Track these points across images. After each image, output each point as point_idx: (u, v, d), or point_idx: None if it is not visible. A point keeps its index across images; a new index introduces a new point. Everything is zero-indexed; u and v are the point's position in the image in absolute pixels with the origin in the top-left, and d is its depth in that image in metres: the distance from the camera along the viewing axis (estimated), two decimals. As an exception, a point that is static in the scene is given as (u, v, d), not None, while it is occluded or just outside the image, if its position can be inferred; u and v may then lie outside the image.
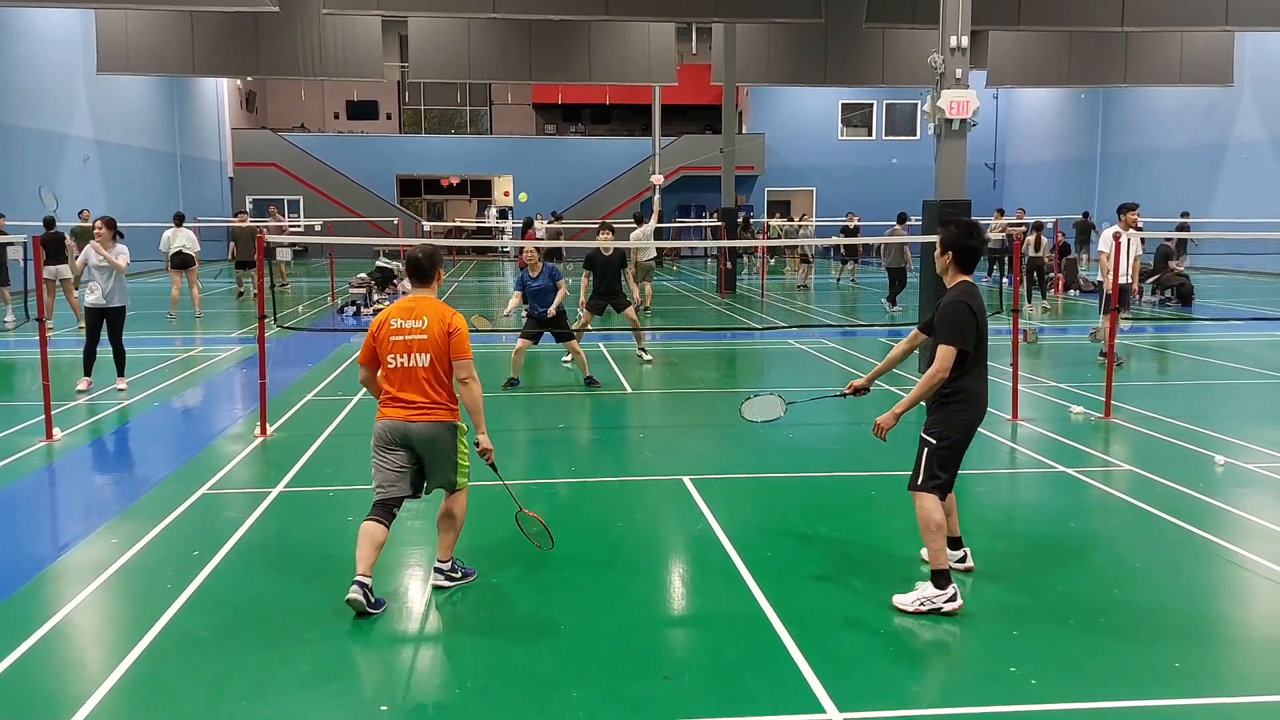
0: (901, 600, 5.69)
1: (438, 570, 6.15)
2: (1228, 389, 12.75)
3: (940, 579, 5.64)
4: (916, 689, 4.81)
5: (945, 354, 5.69)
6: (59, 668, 5.14)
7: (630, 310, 14.43)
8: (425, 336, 5.80)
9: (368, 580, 5.67)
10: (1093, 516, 7.55)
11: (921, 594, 5.65)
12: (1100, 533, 7.17)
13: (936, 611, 5.58)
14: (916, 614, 5.58)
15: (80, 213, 26.74)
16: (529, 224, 26.17)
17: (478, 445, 6.01)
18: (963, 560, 6.25)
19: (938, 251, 5.98)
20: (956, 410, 5.78)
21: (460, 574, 6.20)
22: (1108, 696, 4.71)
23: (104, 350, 12.25)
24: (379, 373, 5.98)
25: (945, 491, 5.84)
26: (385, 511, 5.90)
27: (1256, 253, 28.95)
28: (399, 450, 5.89)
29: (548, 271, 12.69)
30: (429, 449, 5.89)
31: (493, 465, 6.15)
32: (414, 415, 5.81)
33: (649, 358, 14.39)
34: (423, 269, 5.99)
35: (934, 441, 5.77)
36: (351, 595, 5.59)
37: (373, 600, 5.69)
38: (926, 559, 5.88)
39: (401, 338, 5.82)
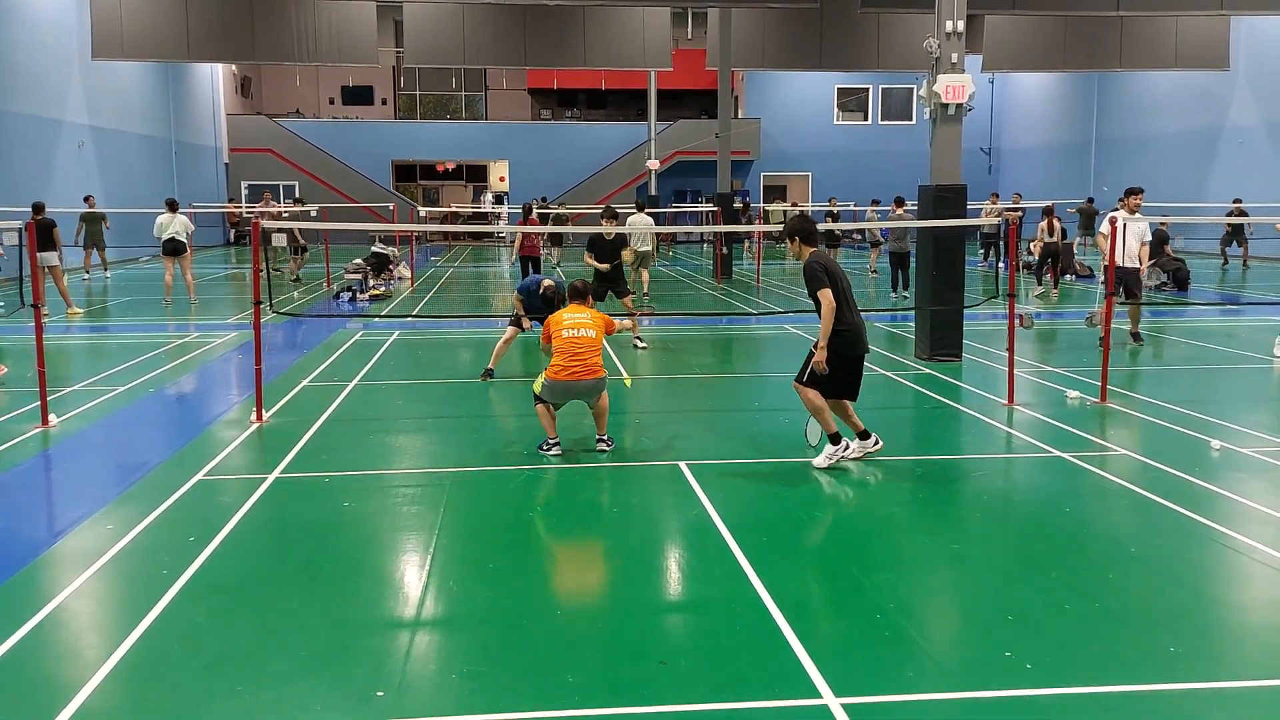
0: (817, 462, 8.19)
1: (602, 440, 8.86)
2: (1224, 373, 12.77)
3: (834, 439, 8.14)
4: (912, 674, 4.82)
5: (825, 296, 7.89)
6: (55, 653, 5.14)
7: (628, 299, 14.62)
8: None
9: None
10: (1088, 501, 7.57)
11: (827, 454, 8.14)
12: (1096, 517, 7.18)
13: (841, 459, 8.17)
14: (829, 468, 8.10)
15: (86, 198, 26.82)
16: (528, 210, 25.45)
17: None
18: (876, 443, 8.38)
19: (787, 242, 8.26)
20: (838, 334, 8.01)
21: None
22: (1103, 681, 4.73)
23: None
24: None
25: (824, 390, 8.10)
26: None
27: (1259, 238, 28.94)
28: None
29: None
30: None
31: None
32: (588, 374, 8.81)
33: (644, 345, 14.40)
34: (580, 293, 9.26)
35: (812, 350, 8.08)
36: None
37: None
38: (819, 430, 8.36)
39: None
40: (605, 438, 8.95)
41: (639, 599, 5.79)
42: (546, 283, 12.26)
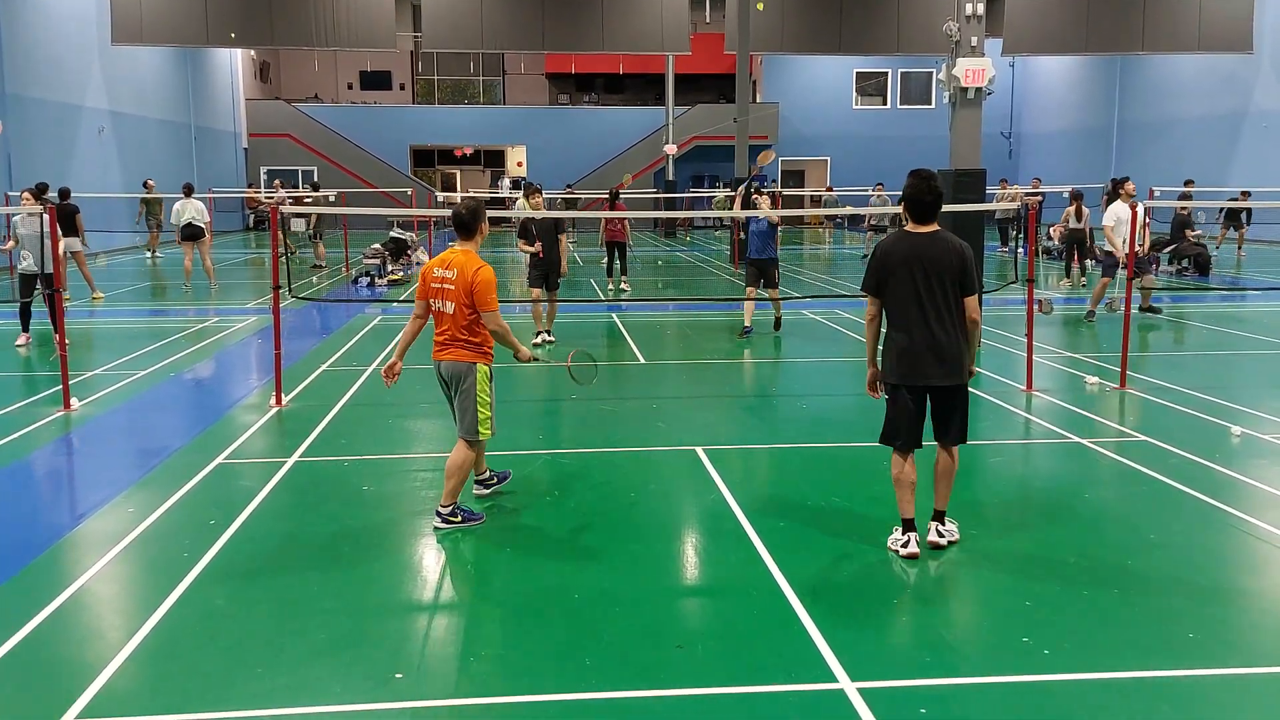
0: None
1: (436, 515, 6.67)
2: (1244, 359, 12.68)
3: (906, 525, 6.18)
4: (928, 659, 4.82)
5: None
6: (77, 636, 5.19)
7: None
8: (453, 286, 6.47)
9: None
10: (1107, 487, 7.54)
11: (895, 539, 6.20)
12: (1115, 504, 7.15)
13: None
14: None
15: (145, 182, 27.37)
16: (615, 195, 24.11)
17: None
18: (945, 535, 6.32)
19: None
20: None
21: (461, 518, 6.62)
22: (1120, 667, 4.72)
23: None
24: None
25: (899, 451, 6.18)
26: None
27: (1273, 222, 28.69)
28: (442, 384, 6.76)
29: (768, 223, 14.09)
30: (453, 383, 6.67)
31: (534, 359, 7.08)
32: (438, 353, 6.66)
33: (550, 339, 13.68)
34: (463, 221, 6.65)
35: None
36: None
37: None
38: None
39: (437, 285, 6.57)
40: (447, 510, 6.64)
41: (656, 583, 5.80)
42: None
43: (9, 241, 13.68)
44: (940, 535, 6.16)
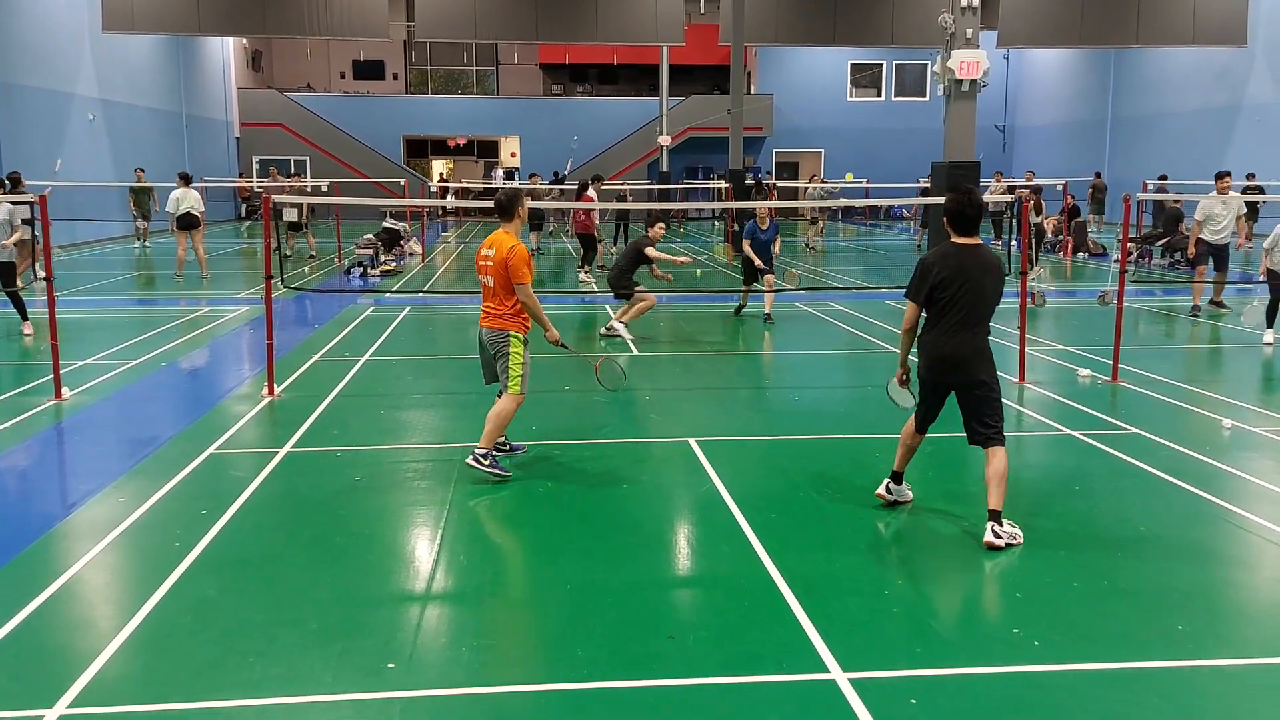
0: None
1: (472, 454, 7.35)
2: (1236, 352, 12.71)
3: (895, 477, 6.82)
4: (920, 650, 4.83)
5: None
6: (69, 625, 5.19)
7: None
8: (492, 263, 7.25)
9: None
10: (1099, 480, 7.55)
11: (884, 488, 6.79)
12: (1105, 496, 7.17)
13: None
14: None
15: (136, 171, 27.21)
16: (585, 186, 23.80)
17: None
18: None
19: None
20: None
21: (489, 463, 7.28)
22: (1111, 658, 4.74)
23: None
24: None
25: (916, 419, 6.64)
26: None
27: (1268, 216, 28.71)
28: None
29: (774, 226, 14.64)
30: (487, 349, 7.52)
31: (563, 345, 7.74)
32: (482, 321, 7.49)
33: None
34: (502, 206, 7.47)
35: None
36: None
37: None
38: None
39: (482, 263, 7.38)
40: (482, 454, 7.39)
41: (648, 574, 5.81)
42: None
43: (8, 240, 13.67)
44: (997, 535, 6.03)
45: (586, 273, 20.02)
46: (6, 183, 17.80)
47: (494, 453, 7.45)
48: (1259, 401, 9.75)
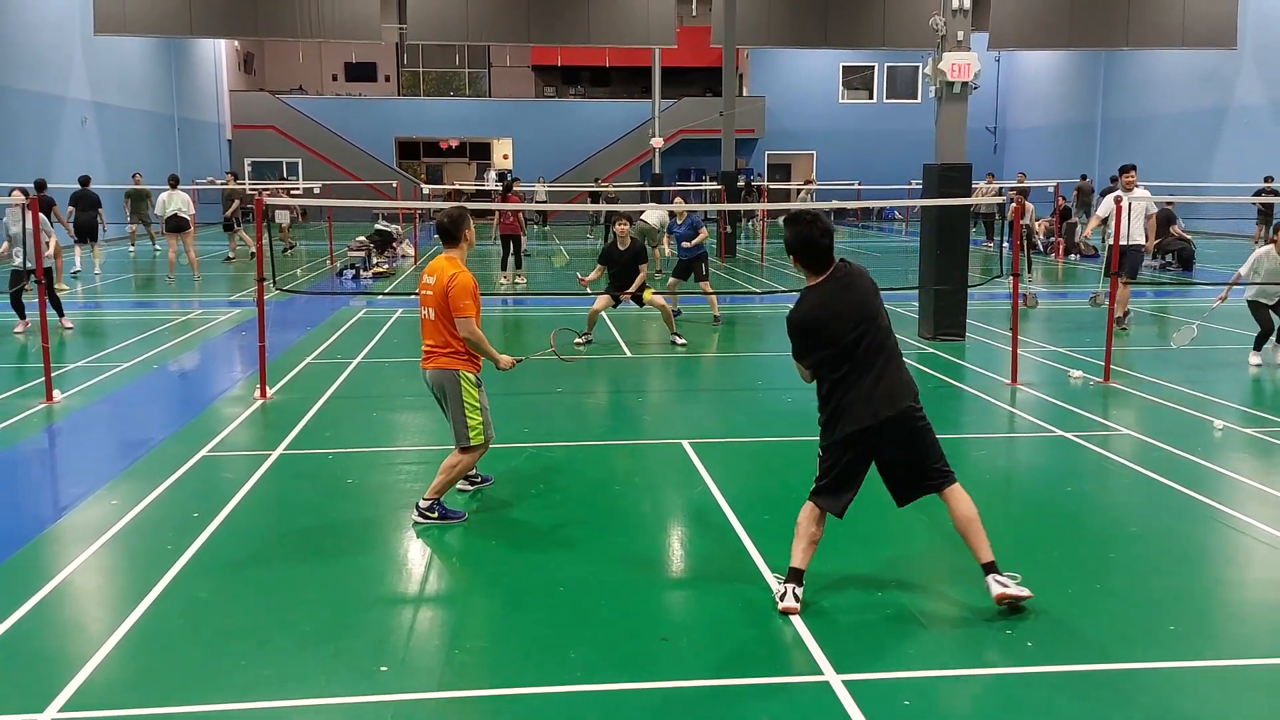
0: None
1: (415, 507, 6.61)
2: (1227, 353, 12.75)
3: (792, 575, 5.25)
4: (912, 652, 4.84)
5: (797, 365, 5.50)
6: (61, 628, 5.17)
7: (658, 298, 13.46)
8: (432, 293, 6.40)
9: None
10: (1090, 480, 7.57)
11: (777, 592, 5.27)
12: (1097, 497, 7.19)
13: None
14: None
15: (134, 176, 27.08)
16: (509, 186, 22.62)
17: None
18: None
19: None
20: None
21: (438, 515, 6.54)
22: (1102, 659, 4.75)
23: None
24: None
25: (824, 502, 5.39)
26: None
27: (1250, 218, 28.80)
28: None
29: (690, 222, 14.73)
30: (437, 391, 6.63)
31: (515, 363, 6.88)
32: (424, 362, 6.58)
33: (683, 341, 13.40)
34: (445, 230, 6.58)
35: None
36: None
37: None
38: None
39: (421, 293, 6.52)
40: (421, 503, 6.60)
41: (641, 576, 5.81)
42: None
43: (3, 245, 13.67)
44: (1004, 586, 5.16)
45: (506, 276, 19.72)
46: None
47: (440, 504, 6.56)
48: (1250, 402, 9.78)
